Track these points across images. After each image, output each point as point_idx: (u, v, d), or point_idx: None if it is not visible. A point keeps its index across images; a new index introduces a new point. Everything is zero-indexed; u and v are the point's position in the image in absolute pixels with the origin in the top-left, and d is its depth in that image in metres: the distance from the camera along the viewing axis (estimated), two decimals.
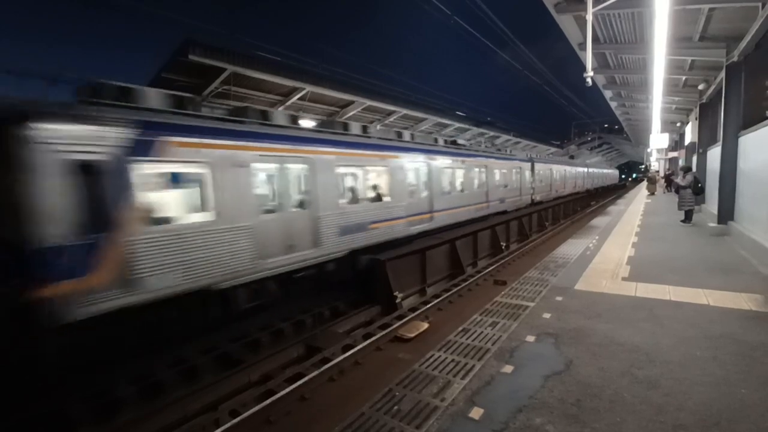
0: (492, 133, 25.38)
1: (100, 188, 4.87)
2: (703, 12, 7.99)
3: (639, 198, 24.21)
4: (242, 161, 6.55)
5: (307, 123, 9.41)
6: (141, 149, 5.29)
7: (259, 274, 6.72)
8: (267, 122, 7.53)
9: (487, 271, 11.18)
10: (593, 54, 8.66)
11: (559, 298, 5.49)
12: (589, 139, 50.73)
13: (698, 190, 11.75)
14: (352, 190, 9.39)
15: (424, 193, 11.46)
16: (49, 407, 4.77)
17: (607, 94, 18.25)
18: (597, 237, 10.41)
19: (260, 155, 6.89)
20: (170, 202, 5.86)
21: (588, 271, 6.87)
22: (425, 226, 11.30)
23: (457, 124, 20.74)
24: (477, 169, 15.08)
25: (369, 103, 14.39)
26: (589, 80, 8.26)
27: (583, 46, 8.78)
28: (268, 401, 4.91)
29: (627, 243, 9.31)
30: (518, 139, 29.52)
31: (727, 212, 9.59)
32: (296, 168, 7.75)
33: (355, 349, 6.31)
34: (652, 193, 25.78)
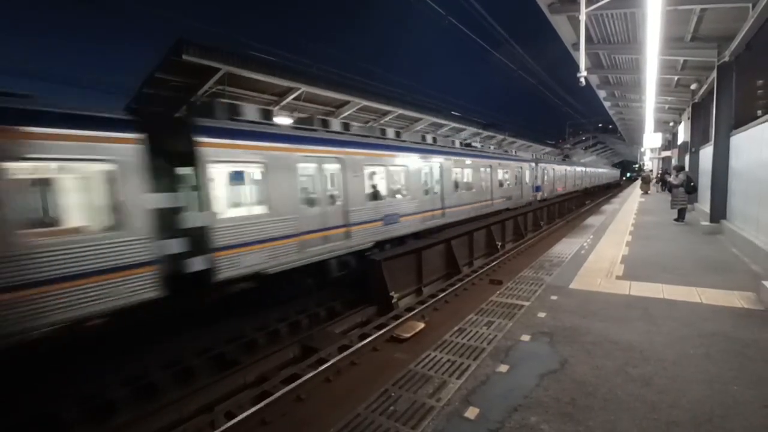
0: (488, 133, 25.45)
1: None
2: (695, 12, 8.07)
3: (633, 197, 24.40)
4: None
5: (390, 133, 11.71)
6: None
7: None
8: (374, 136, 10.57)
9: (482, 270, 11.21)
10: (587, 54, 8.69)
11: (554, 297, 5.52)
12: (584, 138, 51.03)
13: (690, 189, 11.87)
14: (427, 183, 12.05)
15: (481, 187, 15.44)
16: (41, 409, 4.72)
17: (601, 93, 18.36)
18: (591, 236, 10.48)
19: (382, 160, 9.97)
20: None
21: (583, 270, 6.91)
22: (468, 214, 14.55)
23: (453, 124, 20.76)
24: (503, 169, 18.41)
25: (364, 103, 14.36)
26: (582, 80, 8.30)
27: (576, 46, 8.84)
28: (263, 402, 4.89)
29: (621, 242, 9.38)
30: (513, 139, 29.62)
31: (719, 211, 9.68)
32: (396, 169, 10.73)
33: (352, 349, 6.31)
34: (646, 192, 26.00)
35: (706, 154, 11.60)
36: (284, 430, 4.78)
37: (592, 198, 38.07)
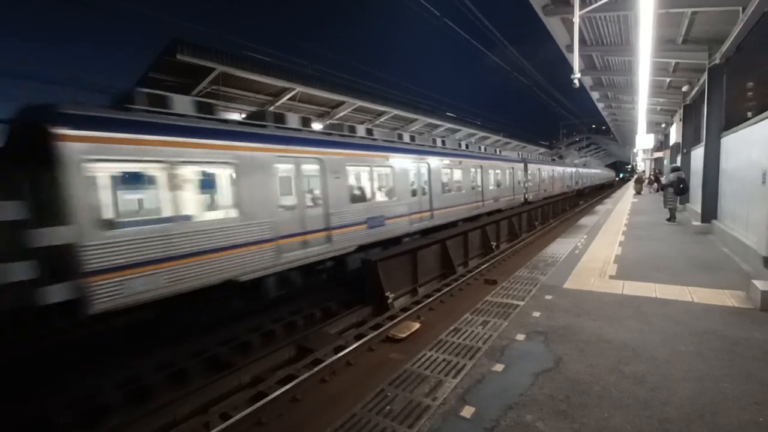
0: (482, 134, 25.57)
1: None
2: (686, 15, 8.18)
3: (626, 197, 24.63)
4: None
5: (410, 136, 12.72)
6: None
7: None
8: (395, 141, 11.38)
9: (477, 270, 11.25)
10: (580, 56, 8.80)
11: (548, 297, 5.56)
12: (578, 139, 51.50)
13: (680, 190, 11.98)
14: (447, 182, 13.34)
15: (486, 186, 16.43)
16: (31, 412, 4.66)
17: (594, 95, 18.55)
18: (585, 236, 10.57)
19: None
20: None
21: (576, 270, 6.97)
22: (478, 211, 15.70)
23: (448, 125, 20.86)
24: (510, 170, 19.61)
25: (359, 103, 14.40)
26: (576, 82, 8.39)
27: (570, 47, 8.92)
28: (259, 403, 4.87)
29: (614, 242, 9.47)
30: (508, 140, 29.79)
31: (710, 211, 9.81)
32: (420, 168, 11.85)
33: (347, 349, 6.30)
34: (639, 193, 26.27)
35: (698, 155, 11.75)
36: (280, 430, 4.76)
37: (585, 199, 38.32)
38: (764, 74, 6.87)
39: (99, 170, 4.96)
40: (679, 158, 15.56)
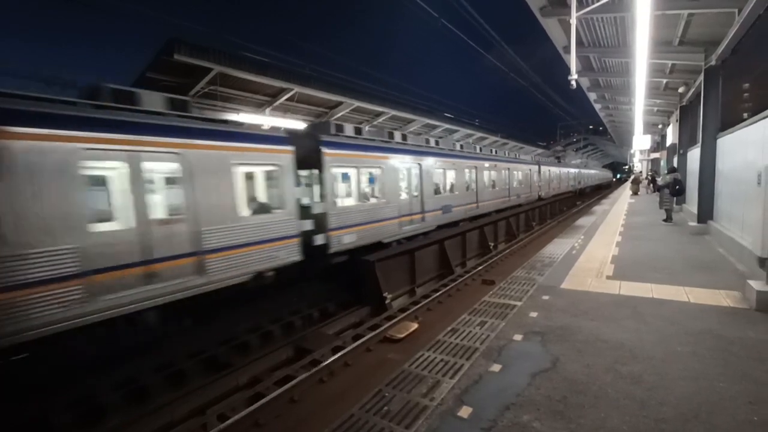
0: (480, 135, 25.62)
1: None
2: (683, 17, 8.23)
3: (623, 198, 24.73)
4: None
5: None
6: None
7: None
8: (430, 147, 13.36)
9: (475, 270, 11.28)
10: (578, 57, 8.81)
11: (545, 297, 5.58)
12: (575, 140, 51.65)
13: (675, 191, 12.05)
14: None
15: (512, 185, 19.91)
16: (30, 413, 4.64)
17: (592, 96, 18.61)
18: (582, 236, 10.61)
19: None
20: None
21: (574, 270, 7.00)
22: (505, 204, 18.83)
23: (446, 125, 20.88)
24: (528, 171, 22.73)
25: (357, 104, 14.39)
26: (573, 83, 8.41)
27: (567, 49, 8.95)
28: (257, 404, 4.87)
29: (611, 242, 9.51)
30: (506, 141, 29.85)
31: (706, 212, 9.87)
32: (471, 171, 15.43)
33: (345, 350, 6.31)
34: (636, 193, 26.37)
35: (694, 156, 11.82)
36: (278, 431, 4.76)
37: (583, 199, 38.52)
38: (760, 76, 6.93)
39: (333, 169, 8.58)
40: (675, 159, 15.65)
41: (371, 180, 10.20)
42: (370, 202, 9.87)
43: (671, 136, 19.03)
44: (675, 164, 15.34)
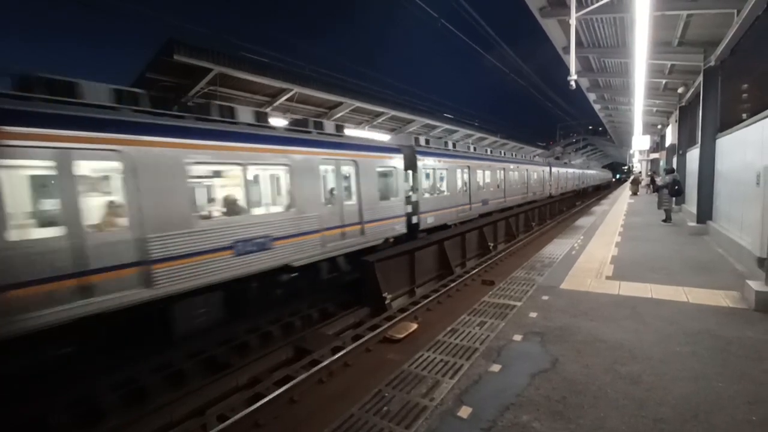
0: (479, 135, 25.63)
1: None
2: (682, 18, 8.25)
3: (622, 198, 24.76)
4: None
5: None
6: None
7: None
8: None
9: (475, 271, 11.28)
10: (577, 57, 8.82)
11: (545, 298, 5.59)
12: (574, 140, 51.66)
13: (674, 192, 12.06)
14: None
15: (529, 183, 23.32)
16: (28, 413, 4.64)
17: (591, 96, 18.63)
18: (582, 237, 10.62)
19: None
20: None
21: (573, 271, 7.01)
22: (524, 200, 22.05)
23: (445, 126, 20.89)
24: (541, 172, 26.10)
25: (357, 104, 14.39)
26: (573, 83, 8.42)
27: (567, 49, 8.98)
28: (256, 405, 4.86)
29: (611, 242, 9.53)
30: (505, 141, 29.86)
31: (705, 212, 9.89)
32: (501, 171, 18.89)
33: (345, 350, 6.30)
34: (635, 194, 26.39)
35: (693, 156, 11.84)
36: (277, 431, 4.76)
37: (582, 200, 38.65)
38: (759, 76, 6.94)
39: (422, 170, 12.29)
40: (674, 159, 15.67)
41: (441, 179, 13.60)
42: (443, 194, 13.57)
43: (670, 136, 19.05)
44: (674, 165, 15.36)
